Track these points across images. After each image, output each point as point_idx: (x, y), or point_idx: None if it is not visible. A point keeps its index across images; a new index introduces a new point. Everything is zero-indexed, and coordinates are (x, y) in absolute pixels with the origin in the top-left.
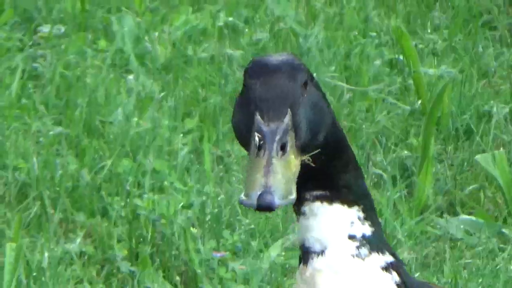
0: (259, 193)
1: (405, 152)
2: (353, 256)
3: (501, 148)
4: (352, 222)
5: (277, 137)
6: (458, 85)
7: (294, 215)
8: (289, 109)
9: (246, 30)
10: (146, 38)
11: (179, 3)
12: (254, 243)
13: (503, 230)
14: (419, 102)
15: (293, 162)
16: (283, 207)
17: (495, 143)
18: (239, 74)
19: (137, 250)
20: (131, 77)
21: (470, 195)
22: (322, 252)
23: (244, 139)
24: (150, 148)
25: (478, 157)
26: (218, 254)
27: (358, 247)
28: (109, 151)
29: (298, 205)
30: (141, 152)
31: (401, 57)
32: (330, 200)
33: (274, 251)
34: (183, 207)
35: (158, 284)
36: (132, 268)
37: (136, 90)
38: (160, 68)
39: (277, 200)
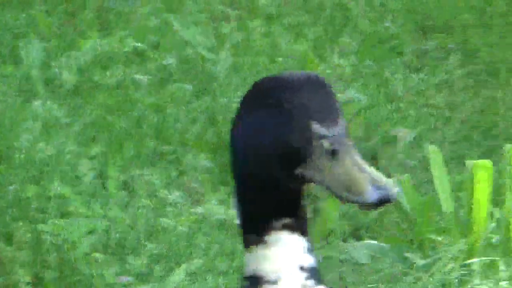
0: (371, 187)
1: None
2: (302, 287)
3: (406, 174)
4: (302, 253)
5: (345, 138)
6: (365, 110)
7: (242, 244)
8: (341, 113)
9: (153, 55)
10: (53, 63)
11: (87, 28)
12: (158, 268)
13: (407, 254)
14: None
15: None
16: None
17: (401, 167)
18: (146, 100)
19: (41, 275)
20: (37, 102)
21: (375, 219)
22: (275, 282)
23: (283, 157)
24: (55, 173)
25: None
26: (123, 279)
27: (307, 279)
28: (14, 176)
29: (257, 234)
30: (46, 178)
31: None
32: (293, 229)
33: (178, 276)
34: (87, 232)
35: None
36: None
37: (42, 115)
38: (67, 93)
39: (391, 192)
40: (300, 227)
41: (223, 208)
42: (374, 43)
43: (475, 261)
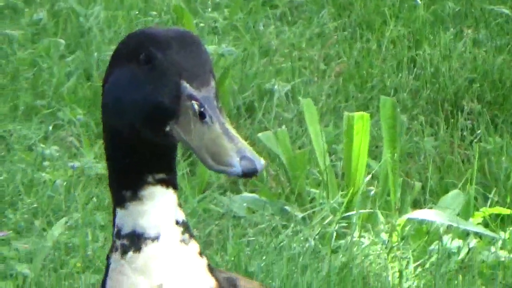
0: (237, 159)
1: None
2: (181, 241)
3: (283, 126)
4: (176, 207)
5: (215, 102)
6: (239, 64)
7: (112, 201)
8: (212, 73)
9: (26, 10)
10: None
11: None
12: (37, 222)
13: (286, 207)
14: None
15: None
16: None
17: (277, 120)
18: (20, 54)
19: None
20: None
21: None
22: (156, 238)
23: (149, 117)
24: None
25: (260, 135)
26: (1, 234)
27: (182, 233)
28: None
29: (131, 190)
30: None
31: None
32: (167, 184)
33: (57, 230)
34: None
35: None
36: None
37: None
38: None
39: (258, 165)
40: (173, 181)
41: (100, 162)
42: None
43: (354, 214)
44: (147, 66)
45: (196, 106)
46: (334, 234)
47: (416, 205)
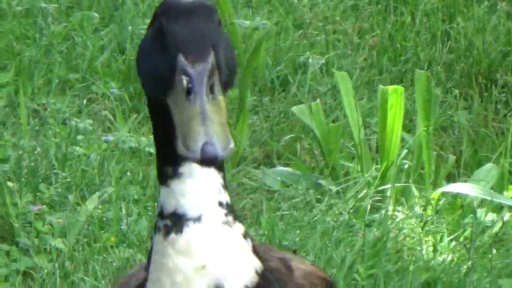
0: (200, 144)
1: None
2: (224, 223)
3: (317, 99)
4: (219, 189)
5: (205, 79)
6: (274, 37)
7: (157, 180)
8: (211, 49)
9: None
10: None
11: None
12: (71, 197)
13: (320, 181)
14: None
15: (223, 103)
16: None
17: (311, 94)
18: (54, 28)
19: None
20: None
21: (286, 146)
22: (199, 219)
23: (159, 85)
24: None
25: (294, 108)
26: (35, 208)
27: (226, 215)
28: None
29: (171, 167)
30: None
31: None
32: None
33: (91, 205)
34: None
35: None
36: None
37: None
38: None
39: (220, 152)
40: None
41: (134, 136)
42: None
43: (388, 187)
44: (158, 34)
45: (185, 82)
46: (368, 208)
47: (450, 178)
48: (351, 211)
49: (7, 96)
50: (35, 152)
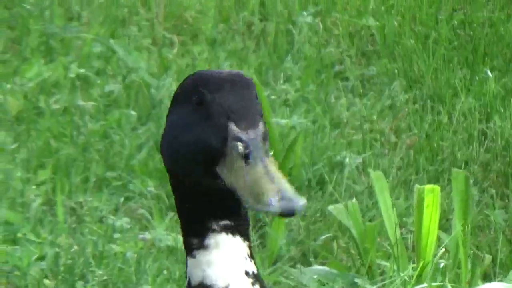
0: (277, 199)
1: None
2: None
3: (354, 199)
4: (246, 258)
5: (261, 143)
6: (311, 136)
7: (184, 249)
8: (260, 116)
9: (98, 81)
10: None
11: (31, 55)
12: None
13: (356, 280)
14: (271, 153)
15: (276, 165)
16: None
17: (347, 193)
18: (91, 126)
19: None
20: None
21: (323, 245)
22: None
23: (204, 157)
24: (2, 200)
25: (331, 207)
26: None
27: (253, 284)
28: None
29: (197, 238)
30: None
31: None
32: (234, 231)
33: None
34: (36, 258)
35: None
36: None
37: None
38: (12, 120)
39: (297, 204)
40: (240, 230)
41: (171, 234)
42: (318, 68)
43: (424, 286)
44: (199, 107)
45: (241, 148)
46: None
47: (486, 278)
48: None
49: (45, 194)
50: (72, 249)
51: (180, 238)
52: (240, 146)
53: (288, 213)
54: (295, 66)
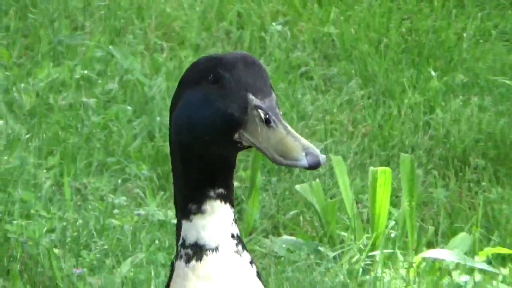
0: (304, 154)
1: (236, 183)
2: (235, 252)
3: (317, 179)
4: (232, 223)
5: (277, 109)
6: None
7: (176, 214)
8: (271, 87)
9: (99, 81)
10: (14, 88)
11: (42, 59)
12: (108, 261)
13: (320, 248)
14: None
15: None
16: None
17: (312, 175)
18: (93, 119)
19: (7, 268)
20: (1, 122)
21: (291, 219)
22: (216, 249)
23: (225, 126)
24: (18, 182)
25: (298, 186)
26: (77, 271)
27: (237, 245)
28: None
29: (196, 204)
30: (10, 185)
31: None
32: (226, 199)
33: (125, 268)
34: (47, 231)
35: None
36: (4, 283)
37: (5, 133)
38: (26, 114)
39: (322, 158)
40: (230, 198)
41: (162, 210)
42: (287, 69)
43: (377, 253)
44: (215, 85)
45: (262, 114)
46: (360, 270)
47: (430, 245)
48: (345, 273)
49: (54, 177)
50: (77, 223)
51: (169, 213)
52: (261, 113)
53: (315, 166)
54: (267, 68)
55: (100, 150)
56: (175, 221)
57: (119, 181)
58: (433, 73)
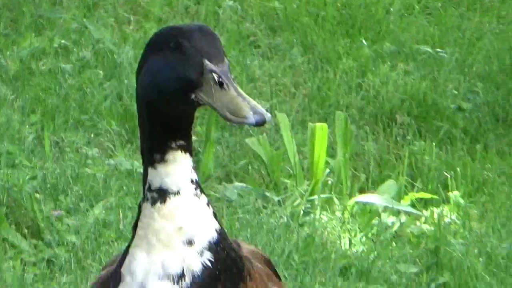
0: (252, 113)
1: (194, 137)
2: (194, 195)
3: (264, 134)
4: (191, 170)
5: (229, 74)
6: None
7: (142, 162)
8: (224, 54)
9: (75, 49)
10: (1, 56)
11: (25, 30)
12: (82, 204)
13: (266, 193)
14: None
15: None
16: None
17: (259, 130)
18: (70, 82)
19: None
20: None
21: (241, 168)
22: (178, 192)
23: (182, 88)
24: (4, 136)
25: (247, 140)
26: (56, 213)
27: (195, 189)
28: None
29: (160, 154)
30: None
31: None
32: (186, 149)
33: (97, 211)
34: (29, 178)
35: (11, 235)
36: None
37: None
38: (11, 78)
39: (267, 117)
40: (189, 149)
41: (129, 160)
42: (238, 39)
43: (316, 198)
44: (175, 52)
45: (216, 77)
46: (301, 212)
47: (362, 191)
48: (288, 215)
49: (36, 131)
50: (56, 172)
51: (136, 163)
52: (215, 76)
53: (261, 123)
54: (220, 38)
55: (75, 109)
56: (141, 170)
57: (92, 135)
58: (364, 42)
